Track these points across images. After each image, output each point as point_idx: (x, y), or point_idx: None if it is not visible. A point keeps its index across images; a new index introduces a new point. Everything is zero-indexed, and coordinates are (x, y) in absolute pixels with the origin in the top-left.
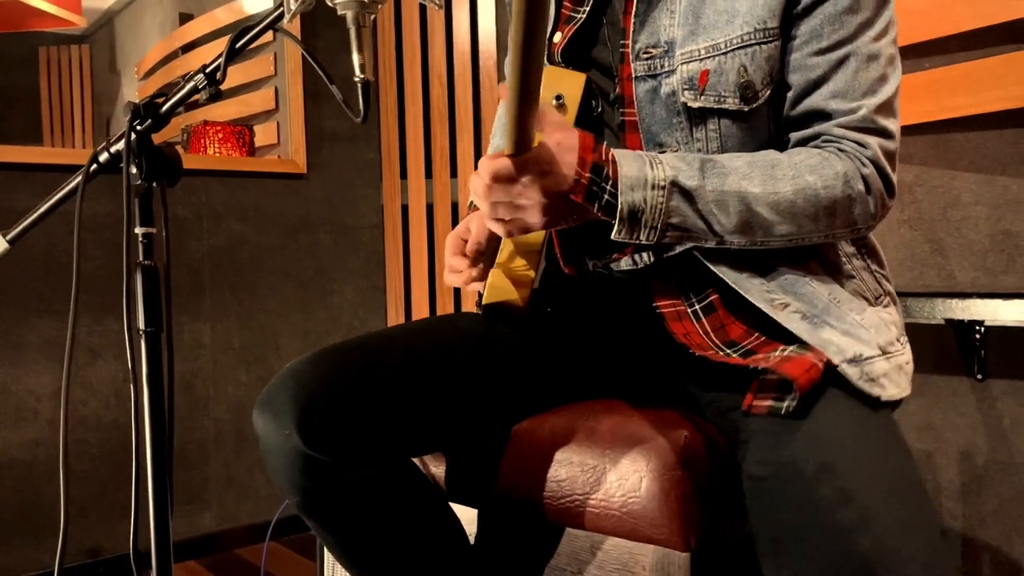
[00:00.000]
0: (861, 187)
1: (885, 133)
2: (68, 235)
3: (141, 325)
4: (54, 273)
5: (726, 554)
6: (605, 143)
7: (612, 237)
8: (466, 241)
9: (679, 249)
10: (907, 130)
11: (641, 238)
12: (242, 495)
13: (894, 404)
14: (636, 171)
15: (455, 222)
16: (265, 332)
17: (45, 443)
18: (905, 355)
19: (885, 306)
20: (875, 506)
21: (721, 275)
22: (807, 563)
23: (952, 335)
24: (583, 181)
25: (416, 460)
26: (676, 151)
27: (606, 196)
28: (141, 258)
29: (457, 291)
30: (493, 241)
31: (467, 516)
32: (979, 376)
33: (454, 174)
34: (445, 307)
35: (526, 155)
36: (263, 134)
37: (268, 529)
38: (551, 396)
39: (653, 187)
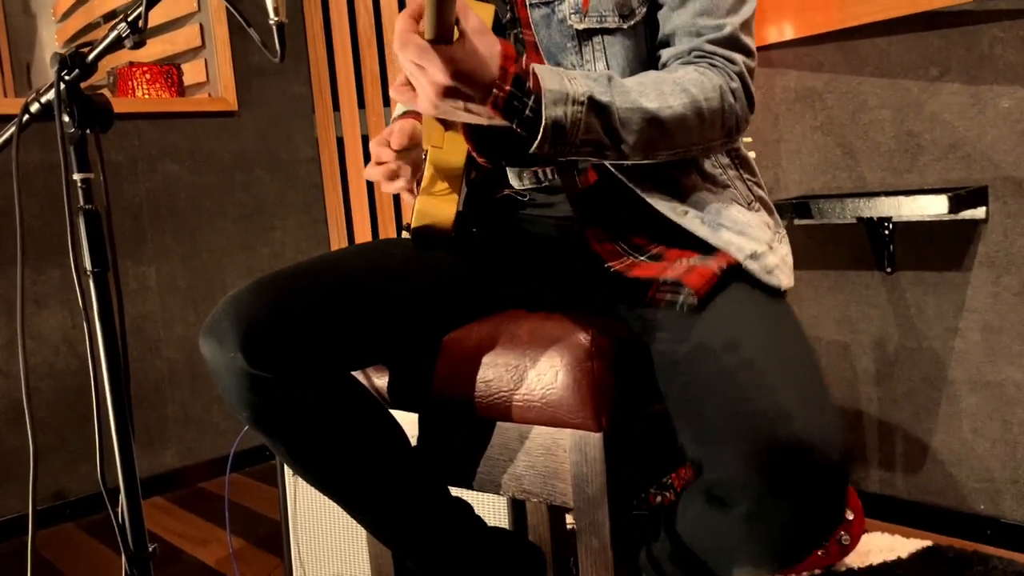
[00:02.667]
0: (732, 99)
1: (748, 51)
2: None
3: (88, 266)
4: None
5: (635, 431)
6: (524, 56)
7: (531, 151)
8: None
9: (581, 166)
10: (816, 39)
11: (558, 153)
12: (201, 431)
13: (783, 294)
14: (558, 85)
15: None
16: (210, 272)
17: None
18: (784, 249)
19: (756, 211)
20: (773, 377)
21: (635, 189)
22: (714, 429)
23: (864, 232)
24: (502, 94)
25: (358, 373)
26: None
27: (527, 111)
28: (82, 203)
29: (399, 219)
30: (417, 149)
31: (408, 420)
32: (888, 269)
33: (387, 103)
34: (387, 234)
35: (441, 51)
36: (191, 72)
37: (228, 461)
38: (478, 308)
39: (573, 102)
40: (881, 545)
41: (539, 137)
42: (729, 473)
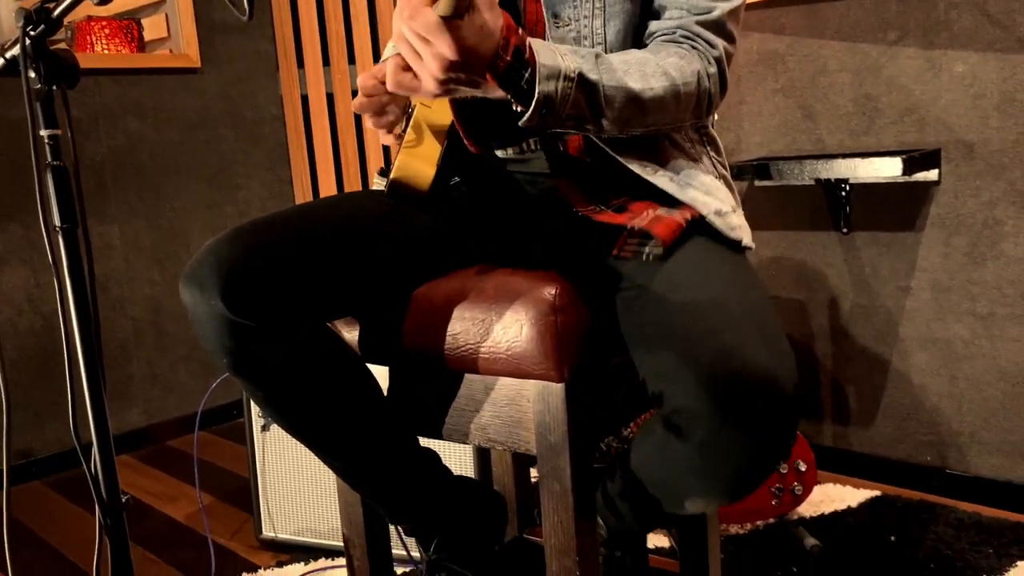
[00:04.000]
0: (707, 84)
1: (731, 37)
2: None
3: (57, 222)
4: None
5: (595, 382)
6: (522, 29)
7: (520, 124)
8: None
9: (564, 137)
10: (779, 1)
11: (545, 125)
12: (167, 390)
13: (746, 250)
14: (551, 61)
15: None
16: (175, 230)
17: None
18: (744, 221)
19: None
20: (732, 315)
21: (608, 151)
22: (674, 361)
23: (821, 194)
24: (502, 64)
25: (332, 326)
26: (568, 25)
27: (523, 83)
28: (50, 159)
29: (365, 178)
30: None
31: (380, 373)
32: (845, 230)
33: (352, 60)
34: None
35: (452, 26)
36: (152, 28)
37: (196, 419)
38: (450, 263)
39: (565, 78)
40: (833, 495)
41: (530, 110)
42: (687, 402)
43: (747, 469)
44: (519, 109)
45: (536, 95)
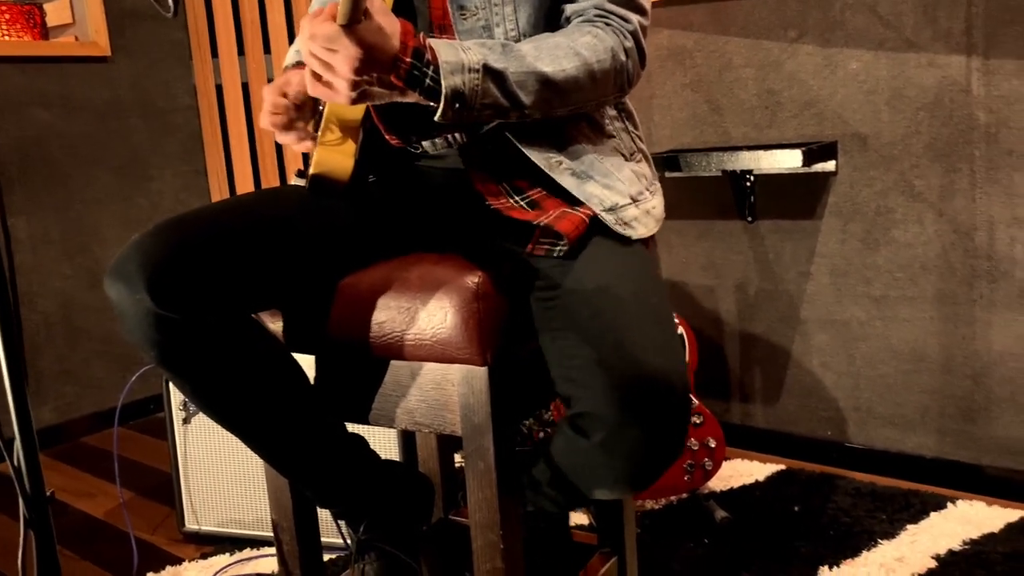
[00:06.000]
0: (623, 58)
1: (642, 10)
2: None
3: None
4: None
5: (516, 365)
6: (422, 32)
7: (436, 119)
8: (286, 95)
9: (487, 127)
10: None
11: (461, 118)
12: (81, 385)
13: (645, 241)
14: (453, 56)
15: None
16: (85, 223)
17: None
18: (652, 202)
19: (638, 161)
20: (625, 324)
21: (515, 142)
22: (576, 370)
23: (728, 184)
24: (404, 66)
25: (257, 318)
26: (475, 15)
27: (428, 81)
28: None
29: (282, 170)
30: (311, 99)
31: (306, 362)
32: (750, 219)
33: (267, 50)
34: (270, 185)
35: (351, 30)
36: (55, 13)
37: (115, 415)
38: (372, 254)
39: (469, 71)
40: (741, 470)
41: (442, 105)
42: (588, 407)
43: (646, 463)
44: (431, 105)
45: (443, 91)
